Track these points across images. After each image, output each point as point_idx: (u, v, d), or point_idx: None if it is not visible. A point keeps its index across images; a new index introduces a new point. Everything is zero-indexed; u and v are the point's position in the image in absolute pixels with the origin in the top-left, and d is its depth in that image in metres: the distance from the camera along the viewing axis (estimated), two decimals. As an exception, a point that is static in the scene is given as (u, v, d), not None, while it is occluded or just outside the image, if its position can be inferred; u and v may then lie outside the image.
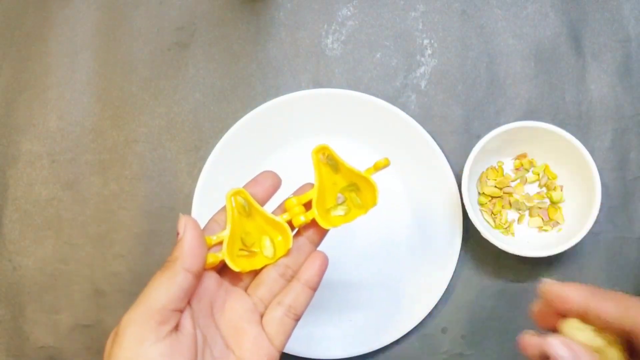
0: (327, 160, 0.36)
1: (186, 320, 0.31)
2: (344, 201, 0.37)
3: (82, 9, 0.58)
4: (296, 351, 0.50)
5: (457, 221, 0.51)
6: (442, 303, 0.52)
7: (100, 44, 0.57)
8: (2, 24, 0.58)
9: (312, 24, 0.57)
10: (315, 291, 0.36)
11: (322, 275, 0.36)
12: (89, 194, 0.55)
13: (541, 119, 0.54)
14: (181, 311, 0.31)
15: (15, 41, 0.58)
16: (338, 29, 0.57)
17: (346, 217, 0.37)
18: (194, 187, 0.53)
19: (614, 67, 0.55)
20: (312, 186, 0.36)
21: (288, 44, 0.57)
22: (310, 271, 0.36)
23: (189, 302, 0.32)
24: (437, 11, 0.57)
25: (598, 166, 0.48)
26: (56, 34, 0.58)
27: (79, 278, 0.54)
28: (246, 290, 0.36)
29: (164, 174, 0.55)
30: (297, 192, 0.37)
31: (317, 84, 0.56)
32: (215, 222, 0.35)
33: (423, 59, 0.56)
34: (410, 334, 0.51)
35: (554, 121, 0.54)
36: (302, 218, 0.35)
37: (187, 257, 0.31)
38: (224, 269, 0.35)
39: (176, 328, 0.31)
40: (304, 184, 0.37)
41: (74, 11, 0.58)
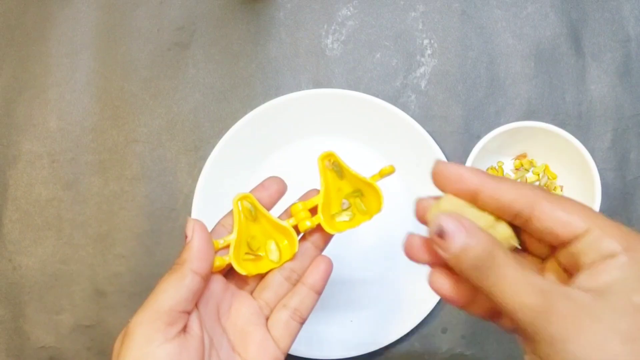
0: (333, 166, 0.37)
1: (194, 322, 0.32)
2: (348, 207, 0.38)
3: (82, 9, 0.58)
4: (296, 351, 0.50)
5: (457, 221, 0.51)
6: (442, 303, 0.52)
7: (100, 44, 0.57)
8: (2, 24, 0.58)
9: (312, 24, 0.57)
10: (320, 295, 0.37)
11: (327, 279, 0.37)
12: (89, 194, 0.55)
13: (541, 119, 0.54)
14: (189, 313, 0.32)
15: (15, 41, 0.58)
16: (338, 29, 0.57)
17: (351, 223, 0.37)
18: (194, 187, 0.53)
19: (614, 67, 0.55)
20: (317, 192, 0.37)
21: (288, 44, 0.57)
22: (315, 275, 0.36)
23: (196, 305, 0.32)
24: (437, 11, 0.57)
25: (598, 166, 0.48)
26: (56, 34, 0.58)
27: (79, 278, 0.54)
28: (252, 293, 0.37)
29: (164, 174, 0.55)
30: (302, 197, 0.37)
31: (317, 84, 0.56)
32: (222, 226, 0.36)
33: (423, 59, 0.56)
34: (410, 334, 0.51)
35: (554, 121, 0.54)
36: (307, 223, 0.36)
37: (195, 259, 0.31)
38: (230, 273, 0.36)
39: (184, 330, 0.31)
40: (309, 190, 0.38)
41: (74, 11, 0.58)
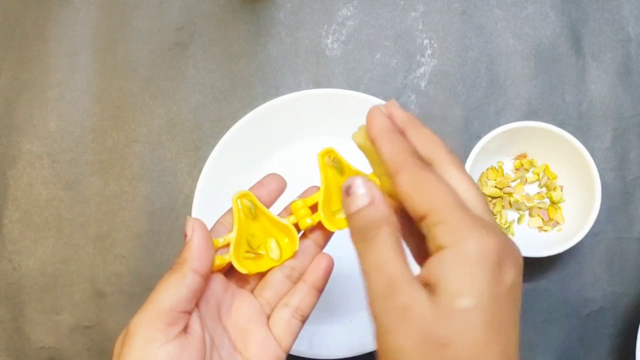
0: (333, 163, 0.37)
1: (194, 322, 0.32)
2: None
3: (82, 9, 0.58)
4: (297, 351, 0.50)
5: (457, 221, 0.51)
6: (442, 303, 0.52)
7: (100, 44, 0.57)
8: (2, 24, 0.58)
9: (312, 24, 0.57)
10: (321, 293, 0.37)
11: (328, 277, 0.37)
12: (89, 194, 0.55)
13: (541, 119, 0.54)
14: (189, 313, 0.31)
15: (15, 41, 0.58)
16: (338, 29, 0.57)
17: None
18: (194, 187, 0.53)
19: (614, 67, 0.55)
20: (317, 189, 0.36)
21: (288, 44, 0.57)
22: (316, 273, 0.36)
23: (197, 305, 0.32)
24: (437, 11, 0.57)
25: (598, 166, 0.48)
26: (56, 34, 0.58)
27: (79, 278, 0.54)
28: (252, 292, 0.36)
29: (164, 174, 0.55)
30: (302, 194, 0.37)
31: (317, 84, 0.56)
32: (221, 224, 0.36)
33: (423, 59, 0.56)
34: (411, 334, 0.51)
35: (554, 121, 0.54)
36: (308, 220, 0.35)
37: (195, 259, 0.31)
38: (230, 271, 0.36)
39: (185, 330, 0.31)
40: (309, 187, 0.37)
41: (74, 11, 0.58)
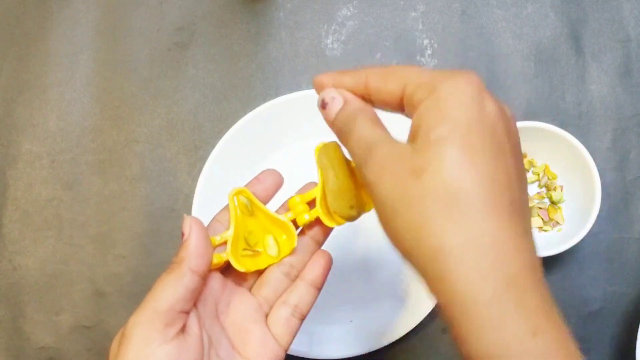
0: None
1: (192, 321, 0.31)
2: None
3: (82, 9, 0.58)
4: (297, 351, 0.50)
5: (457, 221, 0.51)
6: (442, 303, 0.52)
7: (100, 44, 0.57)
8: (2, 24, 0.58)
9: (312, 24, 0.57)
10: (320, 290, 0.36)
11: (327, 275, 0.36)
12: (89, 194, 0.55)
13: (541, 119, 0.54)
14: (187, 313, 0.31)
15: (15, 41, 0.58)
16: (338, 29, 0.57)
17: None
18: (194, 187, 0.53)
19: (614, 67, 0.55)
20: (315, 185, 0.36)
21: (288, 44, 0.57)
22: (315, 270, 0.36)
23: (194, 304, 0.32)
24: (437, 11, 0.57)
25: (598, 166, 0.48)
26: (56, 34, 0.58)
27: (79, 278, 0.54)
28: (250, 290, 0.36)
29: (164, 174, 0.55)
30: (300, 190, 0.37)
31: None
32: (217, 221, 0.35)
33: (423, 59, 0.56)
34: (410, 334, 0.51)
35: (554, 121, 0.54)
36: (306, 217, 0.35)
37: (193, 257, 0.31)
38: (227, 269, 0.35)
39: (182, 330, 0.30)
40: (307, 183, 0.37)
41: (74, 11, 0.58)
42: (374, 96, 0.29)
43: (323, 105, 0.30)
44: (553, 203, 0.52)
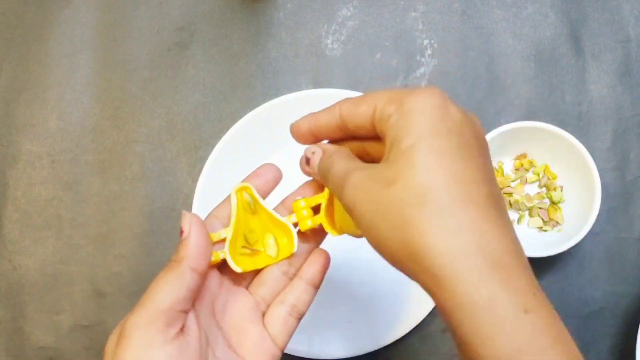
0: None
1: (191, 321, 0.31)
2: None
3: (82, 9, 0.58)
4: (297, 351, 0.50)
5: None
6: (442, 303, 0.52)
7: (100, 44, 0.57)
8: (2, 24, 0.58)
9: (312, 24, 0.57)
10: (317, 289, 0.36)
11: (325, 274, 0.36)
12: (89, 194, 0.55)
13: (541, 119, 0.54)
14: (187, 312, 0.30)
15: (15, 41, 0.58)
16: (338, 29, 0.57)
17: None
18: (194, 187, 0.53)
19: (614, 67, 0.55)
20: (314, 187, 0.35)
21: (288, 44, 0.57)
22: (313, 270, 0.35)
23: (193, 303, 0.31)
24: (437, 11, 0.57)
25: (598, 166, 0.48)
26: (56, 34, 0.58)
27: (79, 278, 0.54)
28: (247, 288, 0.35)
29: (164, 174, 0.55)
30: (299, 190, 0.36)
31: (317, 84, 0.56)
32: (214, 217, 0.34)
33: (423, 59, 0.56)
34: (410, 334, 0.51)
35: (554, 121, 0.54)
36: (309, 223, 0.34)
37: (194, 256, 0.30)
38: (224, 267, 0.34)
39: (182, 330, 0.30)
40: (306, 182, 0.36)
41: (74, 11, 0.58)
42: (349, 123, 0.31)
43: (307, 162, 0.33)
44: (553, 203, 0.52)
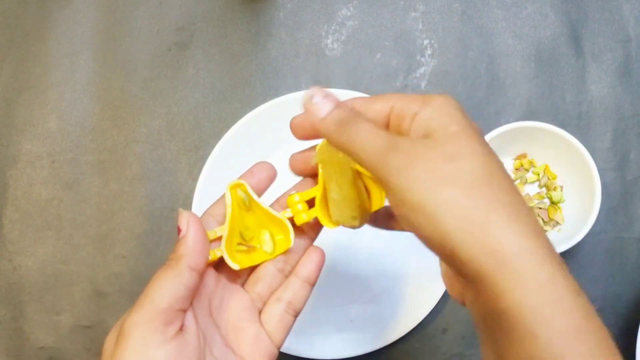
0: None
1: (190, 320, 0.30)
2: None
3: (82, 9, 0.58)
4: (297, 351, 0.50)
5: (457, 221, 0.51)
6: (442, 303, 0.52)
7: (100, 44, 0.57)
8: (2, 24, 0.58)
9: (312, 24, 0.57)
10: (313, 286, 0.36)
11: (320, 271, 0.36)
12: (89, 194, 0.55)
13: (541, 119, 0.54)
14: (185, 311, 0.30)
15: (15, 41, 0.58)
16: (338, 29, 0.57)
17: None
18: (194, 187, 0.53)
19: (614, 67, 0.55)
20: (311, 182, 0.35)
21: (288, 44, 0.57)
22: (308, 267, 0.35)
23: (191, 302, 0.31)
24: (437, 11, 0.57)
25: (598, 166, 0.48)
26: (56, 34, 0.58)
27: (79, 278, 0.54)
28: (243, 285, 0.35)
29: (164, 174, 0.55)
30: (296, 186, 0.36)
31: (317, 84, 0.56)
32: (210, 215, 0.34)
33: (423, 59, 0.56)
34: (410, 334, 0.51)
35: (554, 121, 0.54)
36: (304, 216, 0.34)
37: (192, 254, 0.30)
38: (220, 265, 0.34)
39: (181, 329, 0.30)
40: (302, 179, 0.36)
41: (74, 11, 0.58)
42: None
43: (311, 102, 0.30)
44: (553, 203, 0.52)
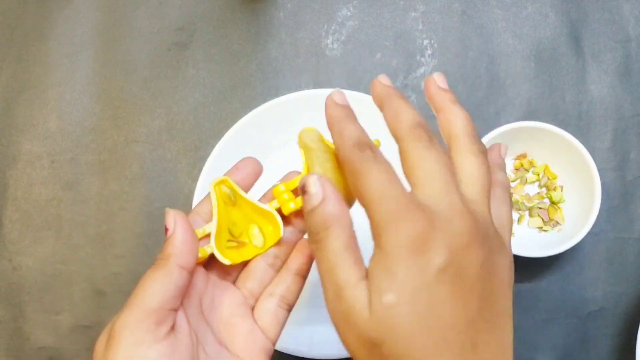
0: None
1: (181, 319, 0.30)
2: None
3: (82, 9, 0.58)
4: (297, 351, 0.50)
5: (457, 221, 0.51)
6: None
7: (100, 44, 0.57)
8: (2, 24, 0.58)
9: (312, 24, 0.57)
10: (305, 279, 0.35)
11: (312, 263, 0.35)
12: (89, 195, 0.55)
13: (541, 119, 0.54)
14: (176, 310, 0.30)
15: (15, 41, 0.58)
16: (338, 29, 0.57)
17: None
18: (194, 187, 0.53)
19: (614, 67, 0.55)
20: (298, 173, 0.35)
21: (288, 44, 0.57)
22: (300, 259, 0.35)
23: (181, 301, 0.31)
24: (437, 11, 0.57)
25: (598, 166, 0.48)
26: (56, 34, 0.58)
27: (79, 278, 0.54)
28: (234, 282, 0.35)
29: (164, 174, 0.55)
30: (283, 179, 0.36)
31: (317, 84, 0.56)
32: (196, 214, 0.34)
33: (423, 59, 0.56)
34: (411, 334, 0.51)
35: (554, 121, 0.54)
36: (291, 205, 0.33)
37: (180, 253, 0.30)
38: (210, 263, 0.34)
39: (173, 328, 0.29)
40: (290, 171, 0.36)
41: (74, 11, 0.58)
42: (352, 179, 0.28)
43: (304, 190, 0.29)
44: (553, 203, 0.52)
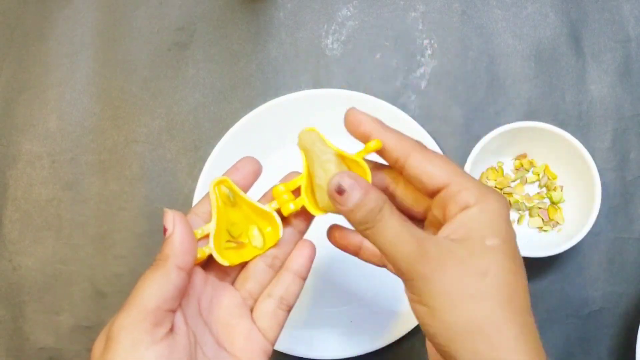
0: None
1: (179, 320, 0.30)
2: None
3: (82, 9, 0.58)
4: (296, 351, 0.50)
5: (457, 221, 0.51)
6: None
7: (100, 44, 0.57)
8: (2, 24, 0.58)
9: (312, 24, 0.57)
10: (305, 280, 0.35)
11: (311, 264, 0.35)
12: (89, 195, 0.55)
13: (541, 119, 0.54)
14: (174, 311, 0.30)
15: (15, 41, 0.58)
16: (338, 29, 0.57)
17: None
18: (194, 187, 0.53)
19: (614, 67, 0.55)
20: (298, 174, 0.34)
21: (288, 44, 0.57)
22: (299, 260, 0.35)
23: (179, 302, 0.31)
24: (437, 11, 0.57)
25: (598, 166, 0.48)
26: (56, 34, 0.58)
27: (79, 279, 0.54)
28: (233, 283, 0.35)
29: (164, 174, 0.55)
30: (283, 179, 0.35)
31: (317, 84, 0.56)
32: (195, 214, 0.34)
33: (423, 59, 0.56)
34: (410, 334, 0.51)
35: (554, 121, 0.54)
36: (291, 206, 0.33)
37: (179, 254, 0.30)
38: (208, 264, 0.34)
39: (171, 329, 0.29)
40: (289, 172, 0.36)
41: (74, 11, 0.58)
42: (409, 170, 0.31)
43: (339, 192, 0.28)
44: (553, 203, 0.52)
